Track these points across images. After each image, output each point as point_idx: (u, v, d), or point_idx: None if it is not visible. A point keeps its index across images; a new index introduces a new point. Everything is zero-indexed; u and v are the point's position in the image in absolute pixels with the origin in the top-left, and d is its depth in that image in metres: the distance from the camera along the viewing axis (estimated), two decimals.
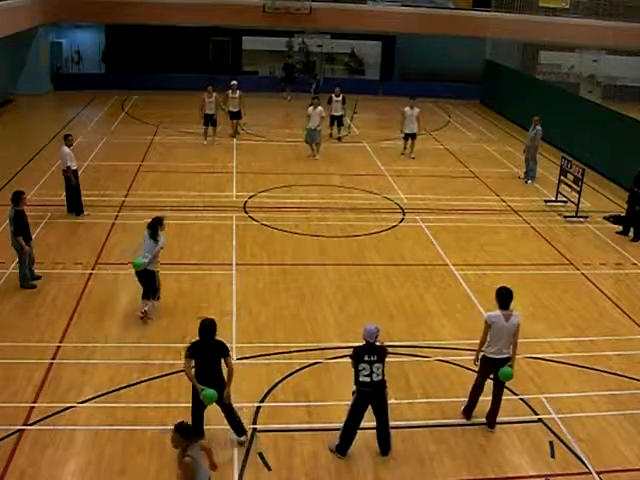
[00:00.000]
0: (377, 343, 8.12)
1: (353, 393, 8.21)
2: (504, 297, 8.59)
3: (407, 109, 21.05)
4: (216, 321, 8.10)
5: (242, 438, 8.42)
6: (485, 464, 8.33)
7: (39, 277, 12.29)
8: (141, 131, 23.29)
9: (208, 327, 8.03)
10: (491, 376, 8.90)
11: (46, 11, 27.17)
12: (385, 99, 28.48)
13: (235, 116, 22.63)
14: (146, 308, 11.11)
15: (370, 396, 8.09)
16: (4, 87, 27.20)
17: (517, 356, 9.11)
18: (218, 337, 8.11)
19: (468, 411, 9.10)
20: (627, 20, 31.27)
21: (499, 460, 8.41)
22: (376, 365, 7.99)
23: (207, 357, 8.01)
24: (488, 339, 8.68)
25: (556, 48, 33.73)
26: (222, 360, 8.05)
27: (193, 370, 8.00)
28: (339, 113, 22.94)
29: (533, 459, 8.47)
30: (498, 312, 8.60)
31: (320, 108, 20.60)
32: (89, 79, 30.73)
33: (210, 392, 7.87)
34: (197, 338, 8.05)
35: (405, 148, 21.51)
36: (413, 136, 21.13)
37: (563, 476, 8.25)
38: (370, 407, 8.22)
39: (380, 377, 8.04)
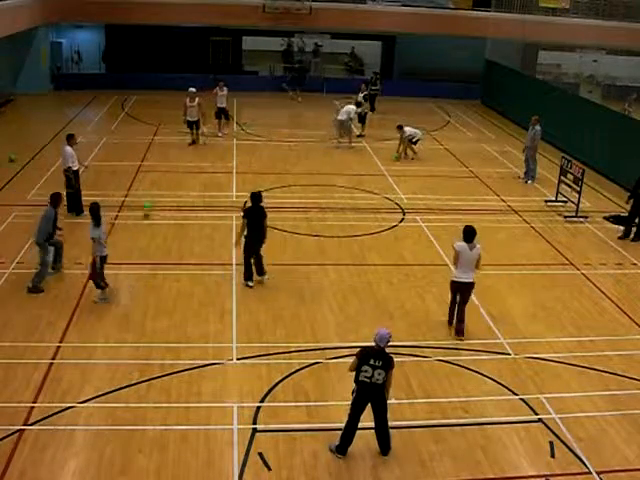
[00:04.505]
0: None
1: (353, 392, 8.21)
2: (468, 233, 10.82)
3: None
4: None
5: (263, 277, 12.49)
6: (485, 464, 8.32)
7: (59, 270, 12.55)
8: (141, 131, 23.28)
9: (258, 195, 12.10)
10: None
11: (46, 11, 27.16)
12: (386, 99, 28.48)
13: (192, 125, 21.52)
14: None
15: (369, 392, 8.07)
16: (4, 87, 27.17)
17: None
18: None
19: (450, 318, 11.40)
20: (627, 20, 31.32)
21: (499, 460, 8.40)
22: (378, 371, 7.95)
23: (254, 217, 12.04)
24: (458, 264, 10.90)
25: (556, 48, 33.77)
26: (263, 220, 12.11)
27: (246, 230, 12.04)
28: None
29: (533, 459, 8.46)
30: (464, 243, 10.78)
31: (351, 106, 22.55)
32: (89, 79, 30.71)
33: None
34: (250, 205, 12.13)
35: None
36: None
37: (563, 476, 8.25)
38: (370, 407, 8.21)
39: (380, 382, 8.00)
